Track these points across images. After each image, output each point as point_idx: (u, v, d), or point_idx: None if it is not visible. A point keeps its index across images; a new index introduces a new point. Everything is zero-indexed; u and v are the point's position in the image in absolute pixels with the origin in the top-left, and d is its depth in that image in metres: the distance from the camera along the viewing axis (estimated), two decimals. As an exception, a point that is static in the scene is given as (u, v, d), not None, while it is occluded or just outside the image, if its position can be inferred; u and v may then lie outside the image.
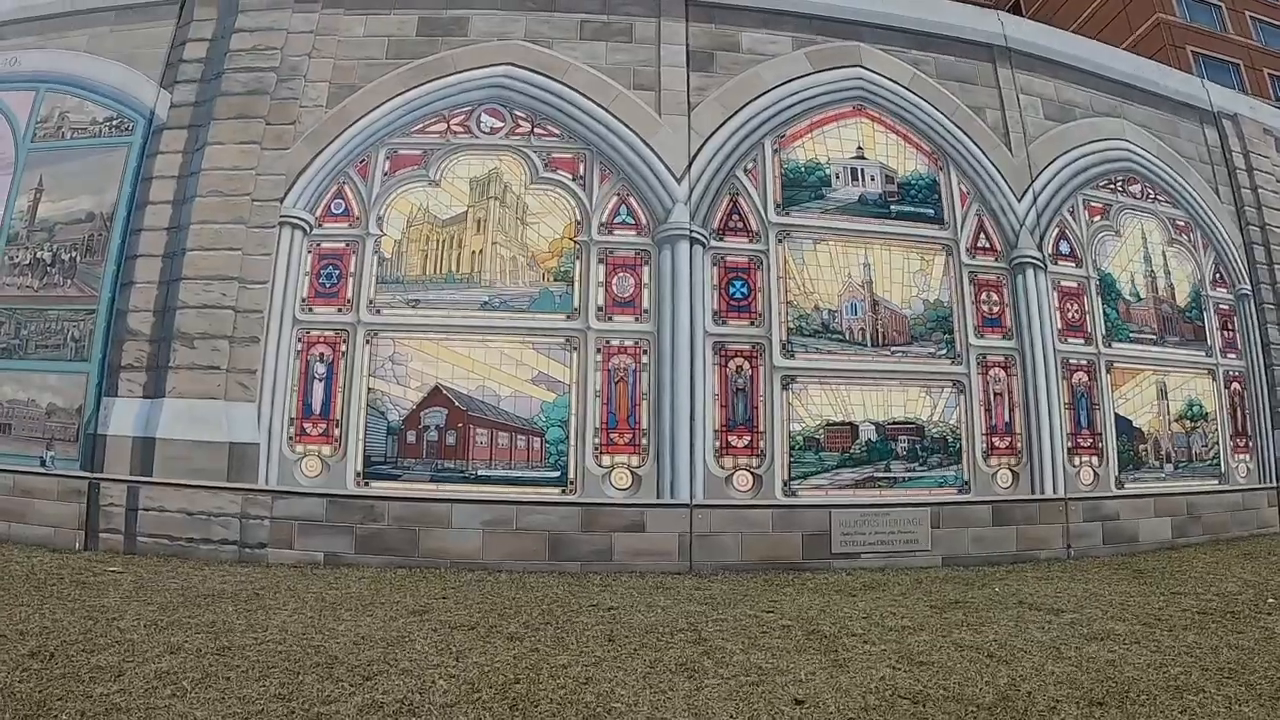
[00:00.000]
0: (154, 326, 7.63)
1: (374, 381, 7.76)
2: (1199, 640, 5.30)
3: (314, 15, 8.58)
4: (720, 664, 4.71)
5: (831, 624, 5.79)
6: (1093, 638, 5.42)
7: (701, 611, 6.08)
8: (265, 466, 7.47)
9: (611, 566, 7.54)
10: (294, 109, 8.25)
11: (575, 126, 8.58)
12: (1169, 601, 6.49)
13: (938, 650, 5.08)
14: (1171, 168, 11.06)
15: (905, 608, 6.40)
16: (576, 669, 4.51)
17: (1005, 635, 5.47)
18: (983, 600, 6.63)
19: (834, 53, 9.45)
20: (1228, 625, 5.73)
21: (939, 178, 9.33)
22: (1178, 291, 10.54)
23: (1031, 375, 8.91)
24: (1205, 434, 10.20)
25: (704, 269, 8.33)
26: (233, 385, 7.57)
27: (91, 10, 8.57)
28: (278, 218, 7.95)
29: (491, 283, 8.10)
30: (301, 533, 7.41)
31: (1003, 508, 8.50)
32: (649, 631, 5.44)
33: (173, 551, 7.24)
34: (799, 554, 7.84)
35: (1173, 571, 7.76)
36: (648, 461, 7.82)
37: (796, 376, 8.27)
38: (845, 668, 4.69)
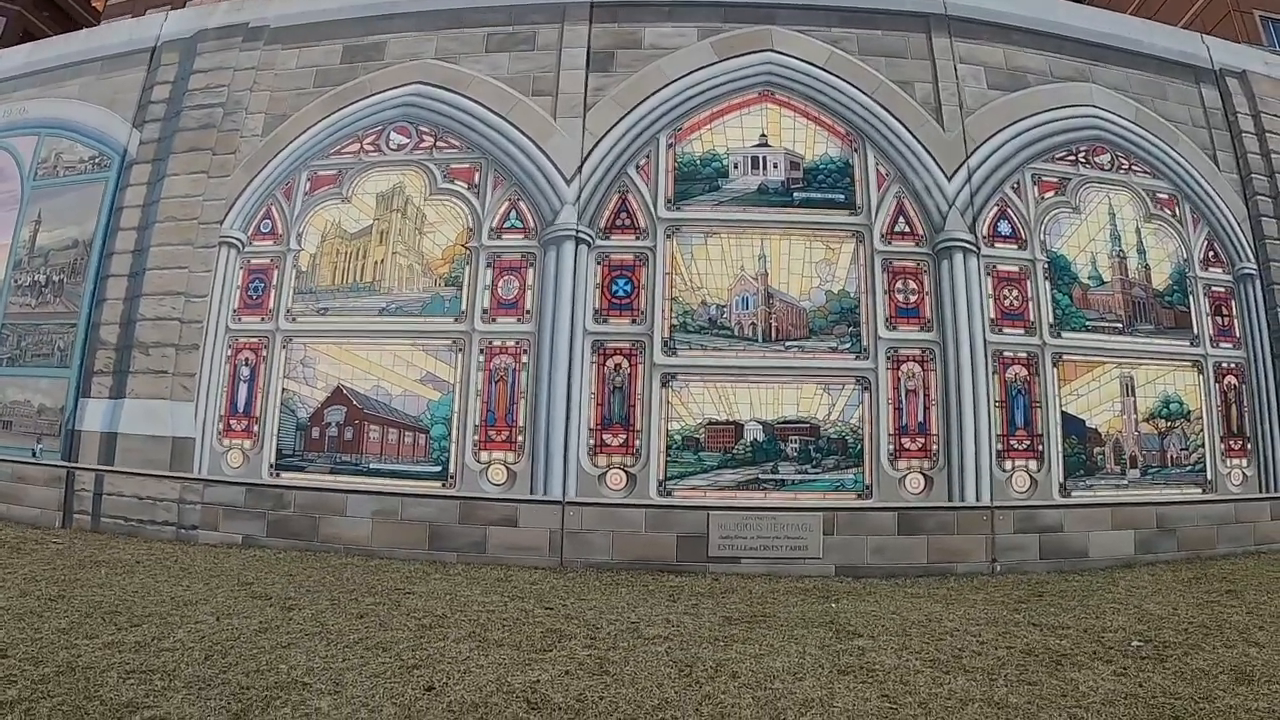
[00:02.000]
0: (119, 336, 6.98)
1: (287, 383, 6.70)
2: (965, 687, 3.32)
3: (256, 52, 7.53)
4: (415, 649, 3.80)
5: (590, 624, 4.31)
6: (839, 669, 3.58)
7: (497, 601, 4.79)
8: (199, 458, 6.65)
9: (485, 558, 6.06)
10: (235, 139, 7.26)
11: (474, 137, 7.00)
12: (1018, 634, 4.16)
13: (637, 661, 3.69)
14: (1155, 134, 7.72)
15: (693, 617, 4.52)
16: (293, 641, 3.81)
17: (747, 655, 3.78)
18: (798, 616, 4.55)
19: (742, 39, 7.17)
20: (1039, 672, 3.49)
21: (853, 160, 6.86)
22: (1155, 273, 7.32)
23: (954, 370, 6.36)
24: (1186, 435, 7.04)
25: (587, 268, 6.53)
26: (177, 387, 6.79)
27: (83, 61, 7.99)
28: (217, 238, 7.07)
29: (389, 290, 6.76)
30: (225, 517, 6.52)
31: (912, 515, 6.11)
32: (427, 616, 4.39)
33: (126, 530, 6.59)
34: (674, 556, 5.96)
35: (1080, 595, 5.14)
36: (523, 458, 6.24)
37: (677, 374, 6.31)
38: (520, 666, 3.58)
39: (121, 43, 8.01)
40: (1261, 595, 5.08)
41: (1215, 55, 8.34)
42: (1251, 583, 5.56)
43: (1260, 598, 5.01)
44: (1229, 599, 5.01)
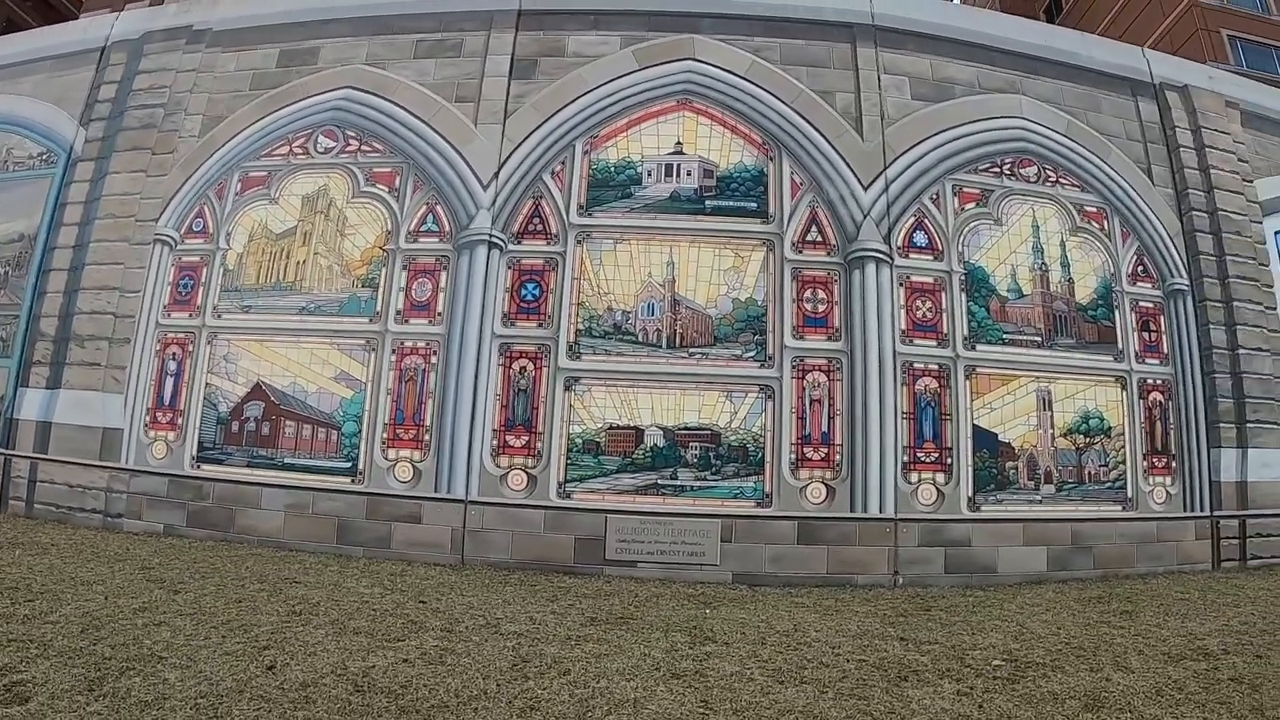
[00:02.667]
0: (58, 328, 7.08)
1: (210, 378, 6.76)
2: (790, 698, 3.29)
3: (198, 54, 7.61)
4: (274, 633, 3.87)
5: (453, 619, 4.35)
6: (672, 674, 3.55)
7: (375, 594, 4.85)
8: (126, 448, 6.74)
9: (389, 554, 6.06)
10: (174, 139, 7.34)
11: (398, 142, 7.01)
12: (878, 648, 4.07)
13: (479, 654, 3.75)
14: (1086, 147, 7.52)
15: (559, 616, 4.51)
16: (165, 620, 3.96)
17: (589, 655, 3.79)
18: (664, 620, 4.50)
19: (664, 48, 7.10)
20: (877, 688, 3.40)
21: (768, 168, 6.77)
22: (1079, 287, 7.12)
23: (861, 380, 6.24)
24: (1106, 451, 6.84)
25: (498, 272, 6.51)
26: (109, 379, 6.88)
27: (38, 59, 8.09)
28: (153, 236, 7.18)
29: (310, 290, 6.79)
30: (149, 506, 6.58)
31: (812, 525, 6.00)
32: (301, 604, 4.49)
33: (57, 517, 6.66)
34: (571, 557, 5.92)
35: (968, 611, 4.99)
36: (429, 457, 6.25)
37: (581, 378, 6.27)
38: (366, 653, 3.65)
39: (74, 41, 8.13)
40: (1158, 618, 4.87)
41: (1156, 69, 8.12)
42: (1153, 604, 5.35)
43: (1155, 620, 4.80)
44: (1121, 619, 4.83)
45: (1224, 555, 7.01)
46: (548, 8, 7.29)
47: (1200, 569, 6.78)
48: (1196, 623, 4.67)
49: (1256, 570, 6.83)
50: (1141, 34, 16.26)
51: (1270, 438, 7.43)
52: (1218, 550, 6.99)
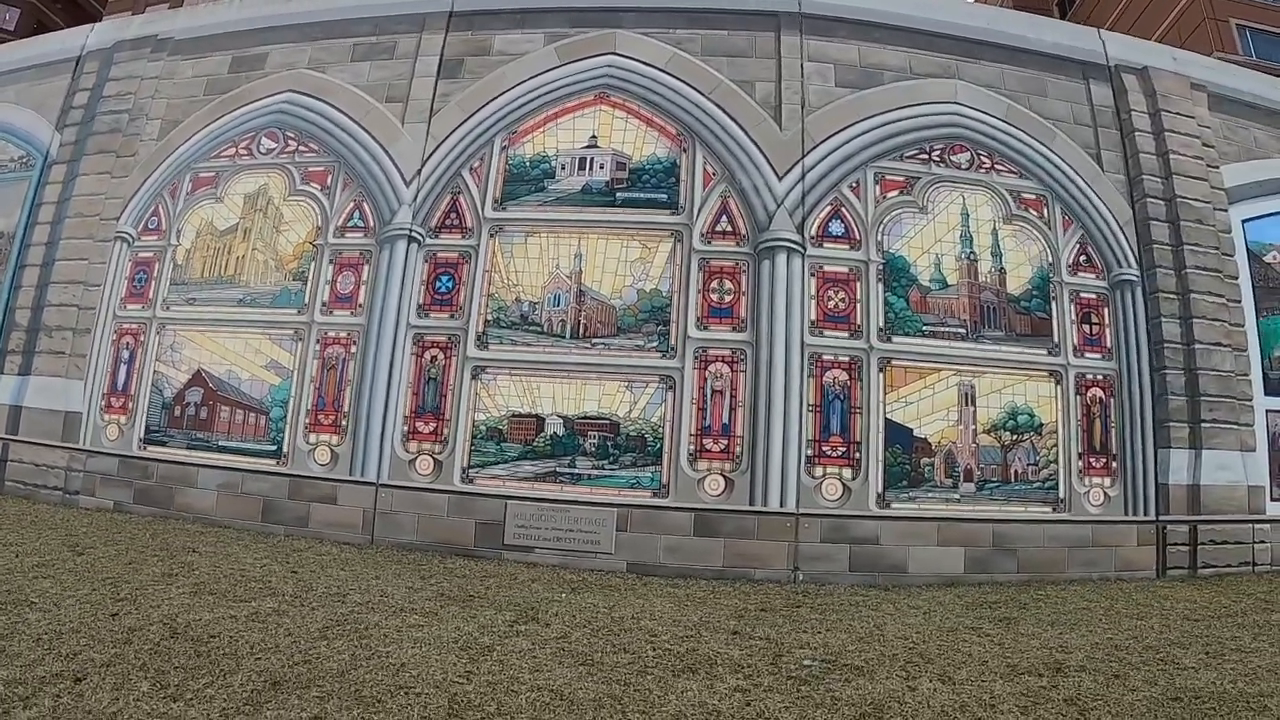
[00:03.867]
0: (30, 320, 7.47)
1: (158, 365, 7.01)
2: (551, 679, 3.26)
3: (160, 62, 7.92)
4: (138, 589, 4.24)
5: (307, 587, 4.59)
6: (461, 645, 3.57)
7: (257, 564, 5.08)
8: (84, 431, 7.07)
9: (308, 532, 6.17)
10: (136, 143, 7.66)
11: (332, 142, 7.10)
12: (697, 639, 3.93)
13: (299, 616, 3.97)
14: (1028, 132, 7.02)
15: (412, 592, 4.57)
16: (54, 575, 4.35)
17: (403, 624, 3.92)
18: (505, 600, 4.46)
19: (586, 43, 6.99)
20: (654, 675, 3.35)
21: (680, 160, 6.57)
22: (1011, 277, 6.65)
23: (766, 371, 6.01)
24: (1036, 449, 6.39)
25: (416, 265, 6.54)
26: (71, 367, 7.23)
27: (23, 68, 8.55)
28: (114, 233, 7.51)
29: (247, 283, 6.97)
30: (102, 485, 6.87)
31: (709, 517, 5.80)
32: (180, 568, 4.79)
33: (24, 494, 7.00)
34: (472, 541, 5.90)
35: (838, 610, 4.76)
36: (345, 441, 6.34)
37: (487, 367, 6.23)
38: (204, 608, 4.04)
39: (54, 51, 8.56)
40: (1038, 627, 4.49)
41: (1112, 50, 7.54)
42: (1047, 612, 4.92)
43: (1032, 629, 4.43)
44: (994, 627, 4.48)
45: (1170, 563, 6.45)
46: (477, 8, 7.28)
47: (1142, 577, 6.25)
48: (1078, 634, 4.30)
49: (1205, 579, 6.26)
50: (1150, 25, 15.47)
51: (1228, 438, 6.83)
52: (1163, 557, 6.44)
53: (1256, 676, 3.54)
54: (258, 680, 2.97)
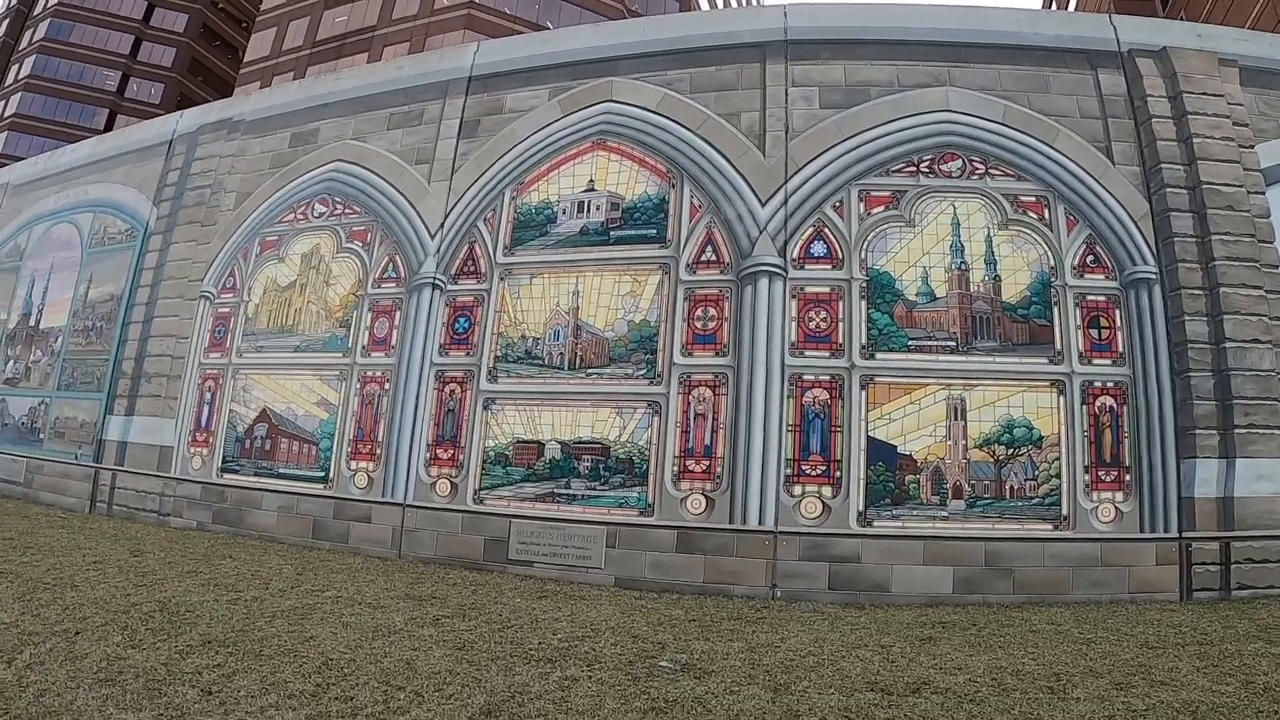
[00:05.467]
0: (133, 368, 10.36)
1: (233, 405, 9.54)
2: (415, 657, 4.64)
3: (235, 141, 10.75)
4: (134, 573, 6.50)
5: (292, 583, 6.51)
6: (353, 628, 5.23)
7: (260, 568, 7.18)
8: (175, 461, 9.69)
9: (348, 548, 8.23)
10: (216, 214, 10.47)
11: (371, 204, 9.43)
12: (591, 640, 5.17)
13: (263, 604, 5.78)
14: (1027, 132, 7.92)
15: (384, 592, 6.30)
16: (69, 564, 6.70)
17: (344, 613, 5.58)
18: (455, 601, 6.10)
19: (585, 93, 8.82)
20: (499, 667, 4.54)
21: (669, 195, 8.15)
22: (1007, 285, 7.53)
23: (746, 393, 7.33)
24: (1035, 464, 7.14)
25: (438, 310, 8.56)
26: (165, 408, 9.95)
27: (126, 152, 11.72)
28: (199, 293, 10.24)
29: (303, 331, 9.36)
30: (188, 507, 9.42)
31: (691, 535, 7.14)
32: (189, 569, 6.92)
33: (127, 515, 9.71)
34: (481, 556, 7.66)
35: (770, 623, 5.85)
36: (379, 467, 8.37)
37: (496, 399, 8.05)
38: (181, 592, 6.11)
39: (152, 136, 11.77)
40: (953, 649, 5.16)
41: (1125, 35, 8.29)
42: (990, 635, 5.56)
43: (944, 651, 5.09)
44: (904, 646, 5.21)
45: (1198, 584, 6.86)
46: (491, 71, 9.38)
47: (1163, 599, 6.72)
48: (993, 657, 4.92)
49: (1236, 603, 6.57)
50: (1244, 8, 15.49)
51: (1269, 445, 7.18)
52: (1187, 578, 6.87)
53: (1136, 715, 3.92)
54: (196, 640, 4.64)
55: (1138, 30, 8.43)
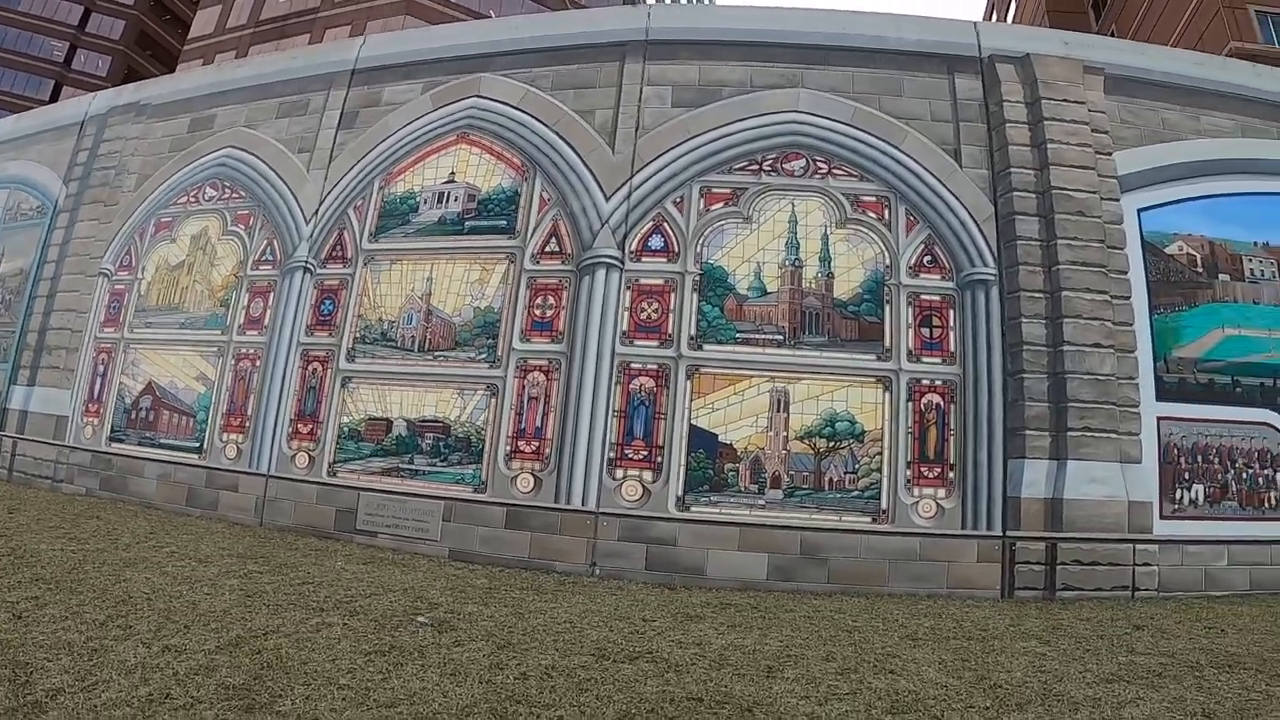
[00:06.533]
0: (37, 340, 11.77)
1: (123, 378, 10.90)
2: (218, 607, 5.64)
3: (140, 124, 12.13)
4: None
5: (148, 541, 7.82)
6: (187, 580, 6.39)
7: (120, 530, 8.35)
8: (70, 430, 11.08)
9: (216, 515, 9.49)
10: (118, 194, 11.86)
11: (255, 189, 10.70)
12: (368, 601, 6.20)
13: (114, 559, 6.95)
14: (874, 133, 8.89)
15: (223, 551, 7.52)
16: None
17: (180, 572, 6.69)
18: (278, 562, 7.27)
19: (455, 88, 9.98)
20: (276, 619, 5.52)
21: (522, 188, 9.25)
22: (840, 282, 8.49)
23: (577, 379, 8.41)
24: (856, 457, 8.09)
25: (307, 292, 9.78)
26: (64, 379, 11.35)
27: (43, 131, 13.19)
28: (98, 270, 11.61)
29: (188, 309, 10.68)
30: (79, 475, 10.77)
31: (519, 512, 8.25)
32: (63, 524, 8.34)
33: (25, 482, 11.12)
34: (332, 525, 8.85)
35: (551, 596, 6.88)
36: (248, 439, 9.61)
37: (353, 378, 9.23)
38: (48, 543, 7.38)
39: (67, 116, 13.26)
40: (712, 629, 5.98)
41: (988, 41, 9.19)
42: (757, 618, 6.40)
43: (703, 631, 5.89)
44: (673, 624, 6.07)
45: (1021, 582, 7.75)
46: (374, 65, 10.59)
47: (984, 596, 7.60)
48: (742, 636, 5.71)
49: (1056, 603, 7.42)
50: (1170, 25, 16.89)
51: (1104, 448, 8.07)
52: (1009, 576, 7.77)
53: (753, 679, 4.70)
54: (27, 578, 5.82)
55: (1002, 37, 9.34)
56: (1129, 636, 6.29)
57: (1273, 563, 8.52)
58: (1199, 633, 6.47)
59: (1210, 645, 5.99)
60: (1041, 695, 4.73)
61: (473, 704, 4.20)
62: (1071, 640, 6.11)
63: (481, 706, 4.17)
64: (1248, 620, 6.97)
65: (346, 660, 4.81)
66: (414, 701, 4.20)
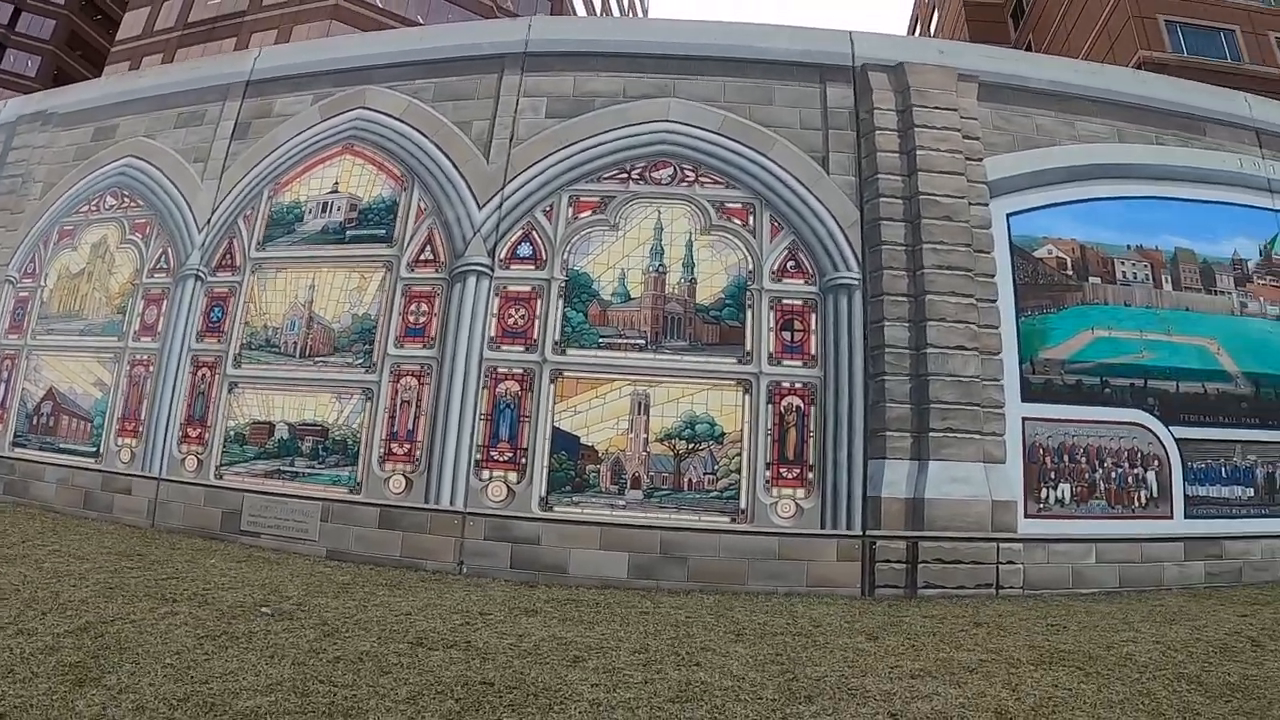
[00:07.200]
0: (-50, 351, 12.71)
1: (26, 384, 11.76)
2: (81, 598, 6.39)
3: (47, 132, 12.99)
4: None
5: (34, 541, 8.64)
6: (59, 574, 7.17)
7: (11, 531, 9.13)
8: (-21, 438, 11.97)
9: (112, 518, 10.33)
10: (25, 202, 12.72)
11: (152, 199, 11.56)
12: (229, 590, 7.09)
13: None
14: (742, 141, 9.68)
15: (102, 551, 8.34)
16: None
17: (52, 568, 7.52)
18: (148, 557, 8.07)
19: (342, 100, 10.81)
20: (139, 604, 6.40)
21: (401, 198, 10.05)
22: (702, 287, 9.29)
23: (448, 383, 9.22)
24: (715, 458, 8.88)
25: (197, 299, 10.62)
26: (-27, 387, 12.25)
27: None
28: (4, 277, 12.47)
29: (87, 316, 11.53)
30: (-15, 481, 11.72)
31: (391, 512, 9.07)
32: None
33: None
34: (219, 526, 9.69)
35: (406, 591, 7.70)
36: (141, 443, 10.45)
37: (239, 382, 10.07)
38: None
39: None
40: (544, 623, 6.69)
41: (862, 50, 9.96)
42: (591, 614, 7.05)
43: (532, 624, 6.60)
44: (507, 618, 6.79)
45: (882, 581, 8.48)
46: (267, 77, 11.40)
47: (845, 594, 8.31)
48: (569, 629, 6.45)
49: (916, 601, 8.13)
50: (1082, 36, 18.10)
51: (967, 449, 8.82)
52: (870, 574, 8.51)
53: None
54: None
55: (877, 46, 10.09)
56: (962, 634, 6.84)
57: (1143, 560, 9.26)
58: (1038, 630, 7.01)
59: (1042, 642, 6.51)
60: (836, 689, 5.21)
61: (280, 682, 4.94)
62: (900, 637, 6.69)
63: (286, 685, 4.90)
64: (1098, 618, 7.56)
65: (179, 643, 5.57)
66: (226, 678, 4.95)
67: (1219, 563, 9.44)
